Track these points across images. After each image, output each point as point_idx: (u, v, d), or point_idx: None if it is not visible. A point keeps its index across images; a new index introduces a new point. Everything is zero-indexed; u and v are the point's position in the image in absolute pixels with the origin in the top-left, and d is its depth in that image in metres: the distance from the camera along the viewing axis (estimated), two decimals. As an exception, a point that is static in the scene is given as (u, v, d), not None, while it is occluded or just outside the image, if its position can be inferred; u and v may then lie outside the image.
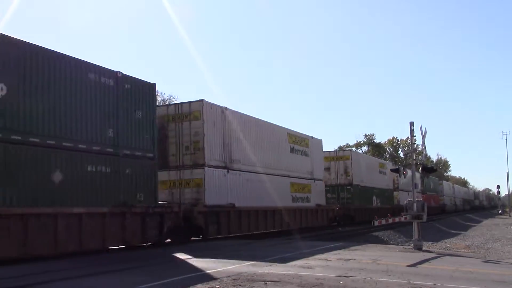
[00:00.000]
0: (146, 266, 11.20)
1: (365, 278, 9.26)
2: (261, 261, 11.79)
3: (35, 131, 12.02)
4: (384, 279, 9.21)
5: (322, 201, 28.89)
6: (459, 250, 20.37)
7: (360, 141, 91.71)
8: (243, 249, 14.96)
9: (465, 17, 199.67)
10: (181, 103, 19.34)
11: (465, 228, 41.21)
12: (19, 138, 11.58)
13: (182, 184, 18.37)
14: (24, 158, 11.68)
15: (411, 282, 8.91)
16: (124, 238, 14.12)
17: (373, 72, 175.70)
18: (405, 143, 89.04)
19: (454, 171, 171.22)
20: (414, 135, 17.35)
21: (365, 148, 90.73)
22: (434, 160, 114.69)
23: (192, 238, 18.19)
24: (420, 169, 18.87)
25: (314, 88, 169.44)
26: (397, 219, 17.49)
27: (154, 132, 15.96)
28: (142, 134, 15.39)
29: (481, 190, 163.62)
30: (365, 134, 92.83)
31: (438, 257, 14.04)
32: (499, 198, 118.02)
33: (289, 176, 24.72)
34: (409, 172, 19.79)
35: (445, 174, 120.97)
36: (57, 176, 12.38)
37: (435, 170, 25.69)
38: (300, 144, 26.82)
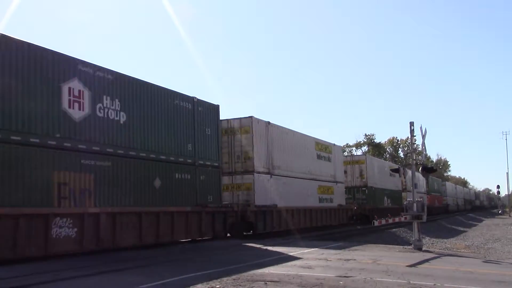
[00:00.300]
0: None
1: (365, 278, 9.32)
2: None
3: (145, 147, 15.69)
4: (384, 279, 9.25)
5: (343, 202, 32.61)
6: (459, 250, 20.67)
7: (360, 141, 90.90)
8: (249, 248, 15.55)
9: (465, 17, 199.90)
10: (233, 119, 22.65)
11: (469, 226, 44.09)
12: (134, 153, 15.23)
13: (234, 187, 21.98)
14: (140, 170, 15.41)
15: (411, 282, 8.96)
16: (200, 232, 17.74)
17: (373, 72, 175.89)
18: (405, 143, 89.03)
19: (454, 171, 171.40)
20: (414, 135, 17.60)
21: (365, 148, 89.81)
22: (434, 160, 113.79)
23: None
24: (420, 169, 18.98)
25: (314, 88, 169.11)
26: (397, 219, 17.85)
27: (219, 145, 19.67)
28: (211, 147, 19.03)
29: (481, 190, 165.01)
30: (365, 134, 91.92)
31: (438, 257, 14.16)
32: (499, 198, 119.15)
33: (316, 180, 28.30)
34: (409, 172, 20.26)
35: (445, 174, 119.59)
36: (157, 182, 16.02)
37: (435, 170, 25.34)
38: (325, 151, 30.43)
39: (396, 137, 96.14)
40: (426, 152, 21.65)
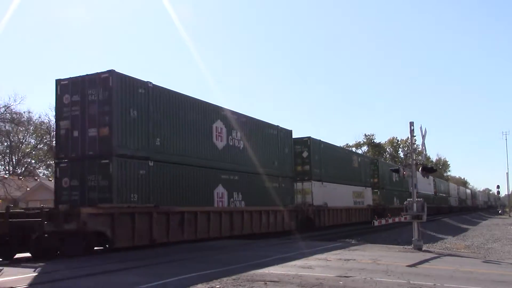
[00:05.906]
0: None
1: (365, 278, 9.29)
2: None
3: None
4: (384, 279, 9.22)
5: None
6: (459, 250, 20.37)
7: (360, 141, 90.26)
8: (249, 248, 15.66)
9: (465, 17, 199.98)
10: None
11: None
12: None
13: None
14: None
15: (411, 282, 8.94)
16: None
17: (373, 72, 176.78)
18: (405, 143, 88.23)
19: (454, 171, 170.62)
20: (414, 135, 17.53)
21: (365, 148, 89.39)
22: (434, 160, 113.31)
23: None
24: (420, 169, 18.60)
25: (314, 88, 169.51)
26: (397, 219, 17.85)
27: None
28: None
29: (480, 190, 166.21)
30: (365, 134, 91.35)
31: (438, 257, 14.16)
32: (499, 198, 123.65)
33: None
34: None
35: (445, 174, 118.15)
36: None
37: (435, 170, 24.61)
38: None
39: (396, 137, 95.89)
40: (426, 152, 21.94)
